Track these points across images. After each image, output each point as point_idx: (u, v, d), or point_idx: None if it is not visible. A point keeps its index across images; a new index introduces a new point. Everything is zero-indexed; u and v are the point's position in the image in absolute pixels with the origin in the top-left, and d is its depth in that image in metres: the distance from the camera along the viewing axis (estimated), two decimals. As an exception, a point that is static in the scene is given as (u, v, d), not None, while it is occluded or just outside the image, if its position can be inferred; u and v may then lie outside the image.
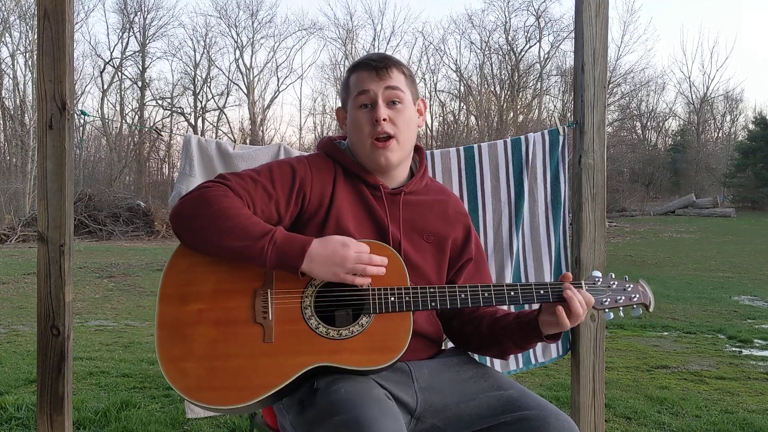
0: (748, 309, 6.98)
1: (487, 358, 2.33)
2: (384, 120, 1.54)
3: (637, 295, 1.53)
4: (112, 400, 3.43)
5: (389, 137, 1.55)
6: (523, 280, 2.61)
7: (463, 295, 1.48)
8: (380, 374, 1.44)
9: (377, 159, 1.56)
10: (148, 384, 3.88)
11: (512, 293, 1.48)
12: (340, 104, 1.70)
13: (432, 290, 1.47)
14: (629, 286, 1.53)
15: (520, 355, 2.61)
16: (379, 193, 1.59)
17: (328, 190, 1.56)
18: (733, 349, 5.17)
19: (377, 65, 1.57)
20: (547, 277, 2.60)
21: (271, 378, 1.39)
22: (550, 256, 2.59)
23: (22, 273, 9.48)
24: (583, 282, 1.51)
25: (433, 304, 1.46)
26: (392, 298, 1.44)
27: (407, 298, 1.45)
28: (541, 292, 1.48)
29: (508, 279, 2.57)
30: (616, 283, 1.53)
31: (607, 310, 1.52)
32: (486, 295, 1.48)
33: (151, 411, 3.32)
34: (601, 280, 1.53)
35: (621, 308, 1.52)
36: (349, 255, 1.40)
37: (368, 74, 1.57)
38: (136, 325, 6.11)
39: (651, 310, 1.54)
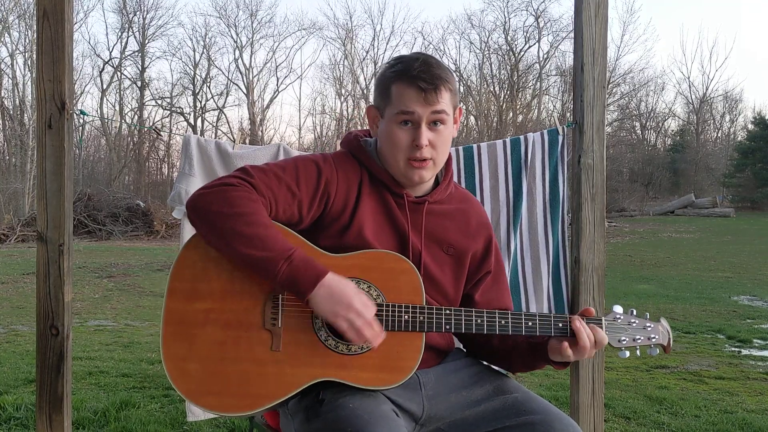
0: (748, 309, 6.99)
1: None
2: (426, 145, 1.48)
3: (657, 336, 1.49)
4: (112, 400, 3.43)
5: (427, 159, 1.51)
6: (521, 280, 2.61)
7: (479, 321, 1.45)
8: None
9: (411, 177, 1.51)
10: (148, 384, 3.88)
11: (530, 323, 1.45)
12: (372, 101, 1.61)
13: (448, 312, 1.44)
14: (650, 326, 1.50)
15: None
16: (402, 201, 1.54)
17: (353, 194, 1.51)
18: (733, 349, 5.18)
19: (426, 88, 1.46)
20: (545, 277, 2.60)
21: (273, 388, 1.37)
22: (548, 256, 2.59)
23: (22, 273, 9.47)
24: (603, 319, 1.48)
25: (447, 327, 1.44)
26: (406, 317, 1.41)
27: (421, 318, 1.42)
28: (560, 325, 1.45)
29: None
30: (636, 321, 1.50)
31: (623, 349, 1.48)
32: (503, 323, 1.45)
33: (150, 411, 3.32)
34: (621, 317, 1.50)
35: (638, 347, 1.49)
36: (354, 304, 1.35)
37: (416, 95, 1.46)
38: (135, 325, 6.11)
39: (669, 352, 1.52)
